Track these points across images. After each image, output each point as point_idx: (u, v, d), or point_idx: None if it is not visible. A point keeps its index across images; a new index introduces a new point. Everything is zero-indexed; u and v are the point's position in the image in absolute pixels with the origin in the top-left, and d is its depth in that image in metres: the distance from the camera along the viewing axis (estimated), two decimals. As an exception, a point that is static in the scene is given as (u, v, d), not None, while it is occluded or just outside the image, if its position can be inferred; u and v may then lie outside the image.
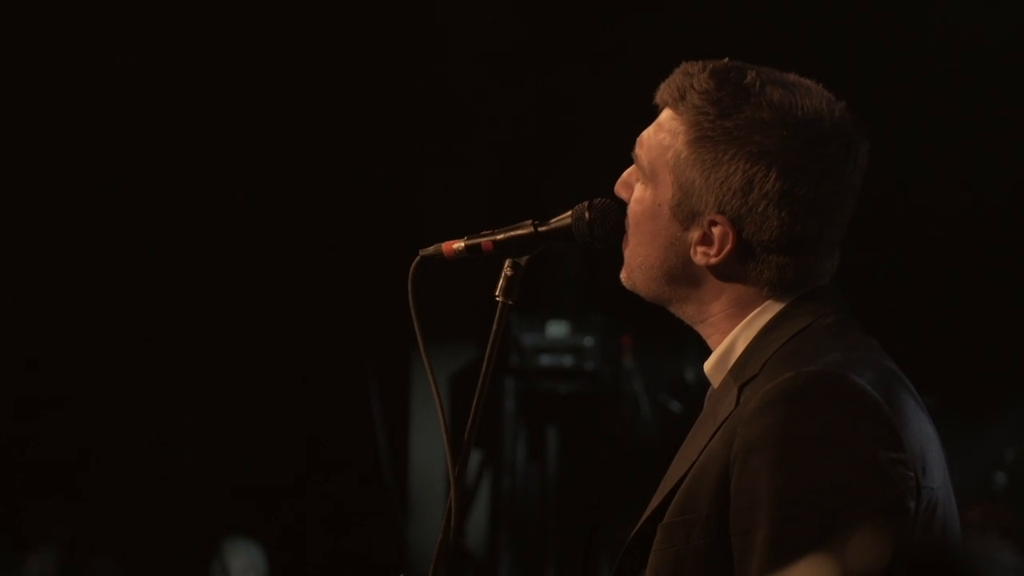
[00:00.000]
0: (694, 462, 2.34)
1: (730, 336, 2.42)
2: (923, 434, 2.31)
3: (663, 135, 2.43)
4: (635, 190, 2.47)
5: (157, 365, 7.20)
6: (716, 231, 2.39)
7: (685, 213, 2.41)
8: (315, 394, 7.43)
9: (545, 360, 7.31)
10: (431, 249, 2.61)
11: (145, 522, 7.26)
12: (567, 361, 7.32)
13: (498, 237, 2.57)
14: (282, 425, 7.39)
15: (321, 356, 7.43)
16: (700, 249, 2.41)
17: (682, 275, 2.43)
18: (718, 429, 2.33)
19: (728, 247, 2.39)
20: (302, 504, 7.53)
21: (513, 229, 2.58)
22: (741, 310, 2.42)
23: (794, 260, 2.39)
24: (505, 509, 7.35)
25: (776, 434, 2.23)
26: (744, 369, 2.37)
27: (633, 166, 2.49)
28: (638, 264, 2.46)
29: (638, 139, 2.48)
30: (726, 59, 2.44)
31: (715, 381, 2.44)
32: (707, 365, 2.45)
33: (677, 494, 2.33)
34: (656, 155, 2.44)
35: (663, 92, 2.45)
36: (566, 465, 7.40)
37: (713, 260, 2.40)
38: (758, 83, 2.39)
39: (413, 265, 2.60)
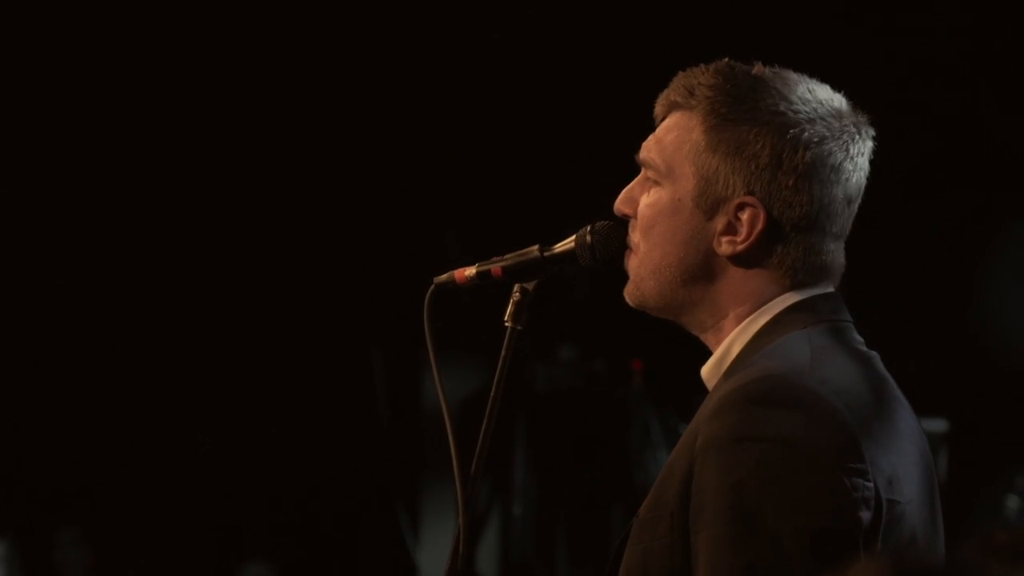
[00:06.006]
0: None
1: (727, 340, 2.41)
2: (894, 447, 2.30)
3: (676, 132, 2.43)
4: (645, 197, 2.46)
5: (167, 397, 7.21)
6: (745, 215, 2.37)
7: (709, 202, 2.39)
8: (326, 419, 7.44)
9: (556, 384, 7.31)
10: (444, 277, 2.61)
11: (159, 547, 7.28)
12: (578, 385, 7.32)
13: (506, 263, 2.57)
14: (293, 450, 7.40)
15: (332, 377, 7.44)
16: (725, 239, 2.39)
17: (700, 272, 2.41)
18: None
19: (759, 227, 2.37)
20: (313, 530, 7.53)
21: (520, 255, 2.57)
22: (753, 307, 2.40)
23: (818, 240, 2.39)
24: (516, 534, 7.34)
25: (730, 435, 2.23)
26: (733, 374, 2.36)
27: (635, 180, 2.48)
28: (652, 269, 2.44)
29: (643, 146, 2.47)
30: (725, 59, 2.45)
31: (710, 386, 2.43)
32: (704, 369, 2.45)
33: (651, 491, 2.34)
34: (672, 151, 2.43)
35: (667, 97, 2.45)
36: (576, 489, 7.39)
37: (740, 247, 2.38)
38: (766, 72, 2.42)
39: (428, 294, 2.60)
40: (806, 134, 2.38)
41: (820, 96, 2.41)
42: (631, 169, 2.51)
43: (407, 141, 7.23)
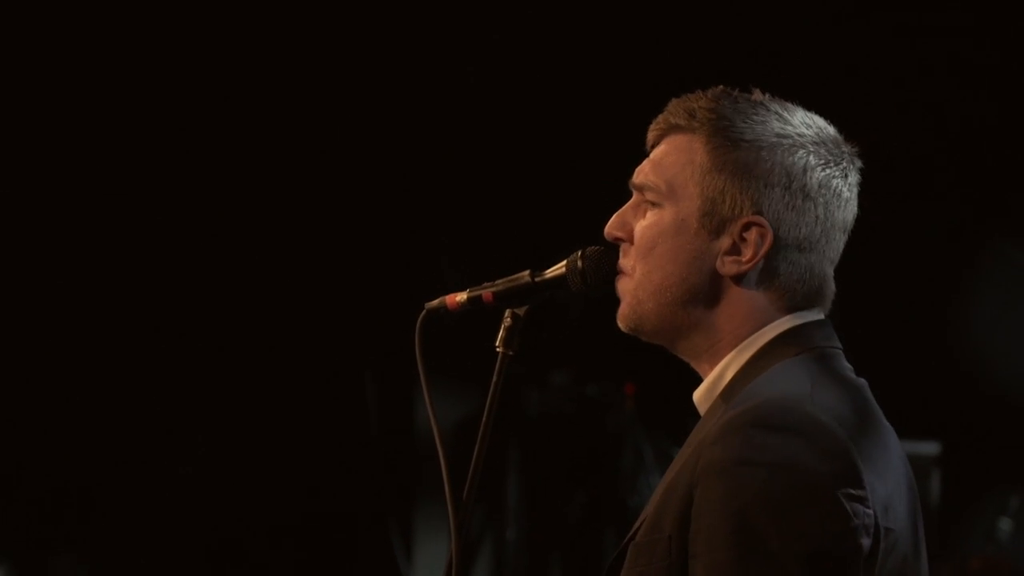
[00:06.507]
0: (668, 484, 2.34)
1: (721, 364, 2.42)
2: (888, 475, 2.32)
3: (676, 154, 2.43)
4: (642, 220, 2.46)
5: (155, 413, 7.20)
6: (751, 234, 2.38)
7: (715, 222, 2.40)
8: (318, 443, 7.43)
9: (548, 408, 7.31)
10: (435, 303, 2.62)
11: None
12: (570, 409, 7.32)
13: (497, 288, 2.58)
14: (285, 474, 7.40)
15: (325, 402, 7.44)
16: (729, 259, 2.40)
17: (702, 293, 2.42)
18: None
19: (765, 247, 2.38)
20: (306, 554, 7.52)
21: (511, 280, 2.58)
22: (749, 330, 2.41)
23: (817, 263, 2.41)
24: (509, 559, 7.34)
25: (732, 459, 2.23)
26: (729, 397, 2.37)
27: (629, 203, 2.49)
28: (652, 291, 2.43)
29: (638, 171, 2.48)
30: (720, 86, 2.46)
31: (702, 410, 2.44)
32: (696, 394, 2.45)
33: (648, 515, 2.34)
34: (674, 172, 2.43)
35: (664, 121, 2.46)
36: (570, 514, 7.39)
37: (745, 267, 2.39)
38: (765, 97, 2.45)
39: (420, 319, 2.62)
40: (812, 157, 2.40)
41: (819, 123, 2.44)
42: (623, 195, 2.52)
43: (403, 164, 7.25)
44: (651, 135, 2.49)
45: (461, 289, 2.61)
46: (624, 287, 2.48)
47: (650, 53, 6.70)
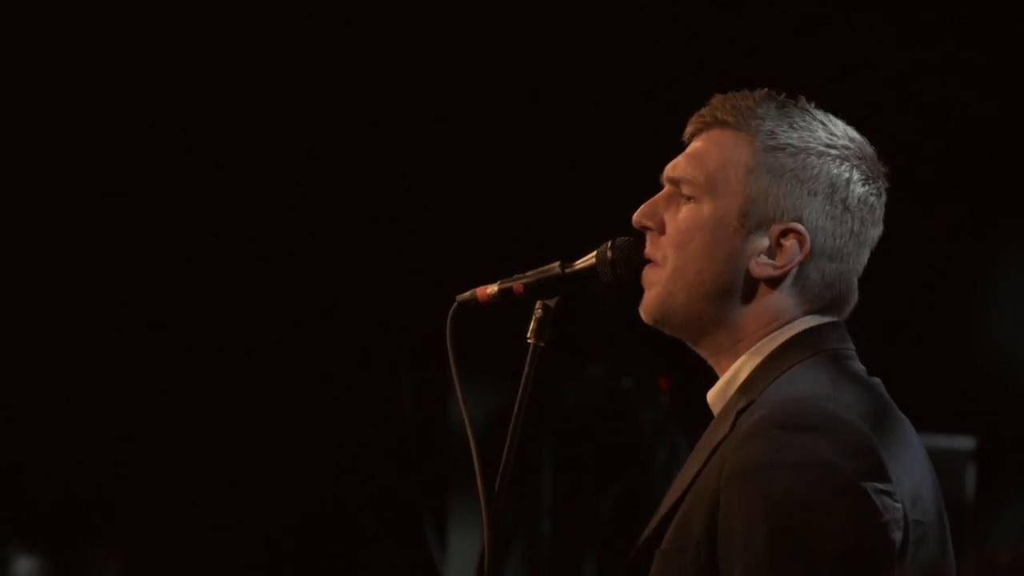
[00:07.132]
0: (688, 487, 2.34)
1: (736, 363, 2.42)
2: (914, 468, 2.32)
3: (720, 150, 2.43)
4: (676, 212, 2.45)
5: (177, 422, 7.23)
6: (789, 240, 2.39)
7: (754, 222, 2.40)
8: (353, 438, 7.45)
9: (582, 401, 7.31)
10: (467, 295, 2.62)
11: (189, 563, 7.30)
12: (605, 402, 7.32)
13: (528, 280, 2.58)
14: (319, 468, 7.42)
15: (359, 397, 7.46)
16: (763, 261, 2.40)
17: (733, 291, 2.41)
18: (712, 454, 2.34)
19: (801, 255, 2.39)
20: (340, 548, 7.54)
21: (541, 272, 2.58)
22: (769, 330, 2.41)
23: (845, 273, 2.42)
24: (542, 552, 7.35)
25: (760, 462, 2.23)
26: (744, 396, 2.37)
27: (660, 194, 2.48)
28: (685, 283, 2.42)
29: (675, 164, 2.47)
30: (766, 89, 2.46)
31: (716, 409, 2.45)
32: (710, 393, 2.46)
33: (673, 520, 2.33)
34: (716, 167, 2.42)
35: (710, 115, 2.45)
36: (604, 506, 7.40)
37: (778, 271, 2.39)
38: (810, 106, 2.45)
39: (451, 312, 2.62)
40: (856, 171, 2.41)
41: (859, 138, 2.45)
42: (652, 186, 2.51)
43: (435, 163, 7.26)
44: (691, 127, 2.48)
45: (492, 281, 2.61)
46: (654, 277, 2.47)
47: (651, 53, 6.70)
